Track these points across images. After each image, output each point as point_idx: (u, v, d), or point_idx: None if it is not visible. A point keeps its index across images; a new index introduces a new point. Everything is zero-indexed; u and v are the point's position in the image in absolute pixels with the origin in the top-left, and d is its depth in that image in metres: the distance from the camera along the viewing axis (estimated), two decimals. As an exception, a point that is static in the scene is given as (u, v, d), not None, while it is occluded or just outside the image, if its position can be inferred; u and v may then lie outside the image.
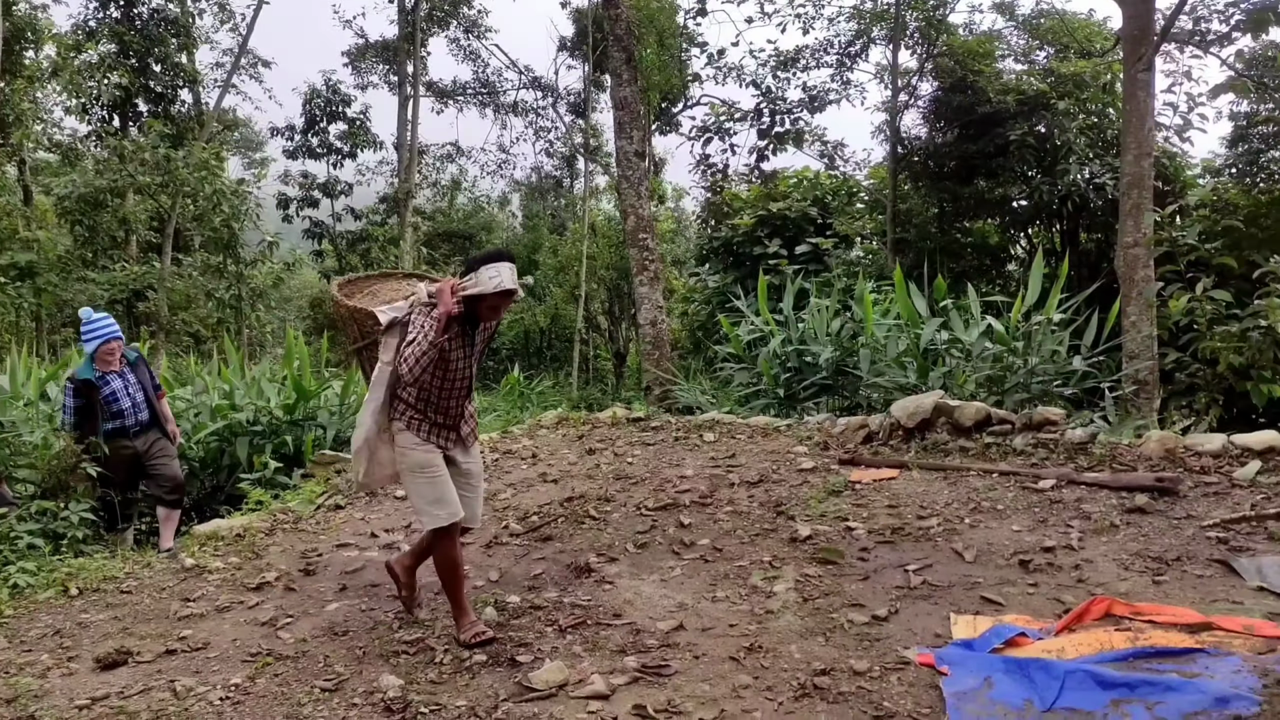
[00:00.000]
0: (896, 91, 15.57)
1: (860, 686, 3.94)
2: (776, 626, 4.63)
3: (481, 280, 4.36)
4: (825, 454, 7.47)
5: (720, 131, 14.44)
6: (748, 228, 16.04)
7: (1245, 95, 13.37)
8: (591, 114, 20.88)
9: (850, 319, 10.11)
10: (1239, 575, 4.94)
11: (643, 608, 4.93)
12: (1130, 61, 10.18)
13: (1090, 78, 14.70)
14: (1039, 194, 14.74)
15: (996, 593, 4.95)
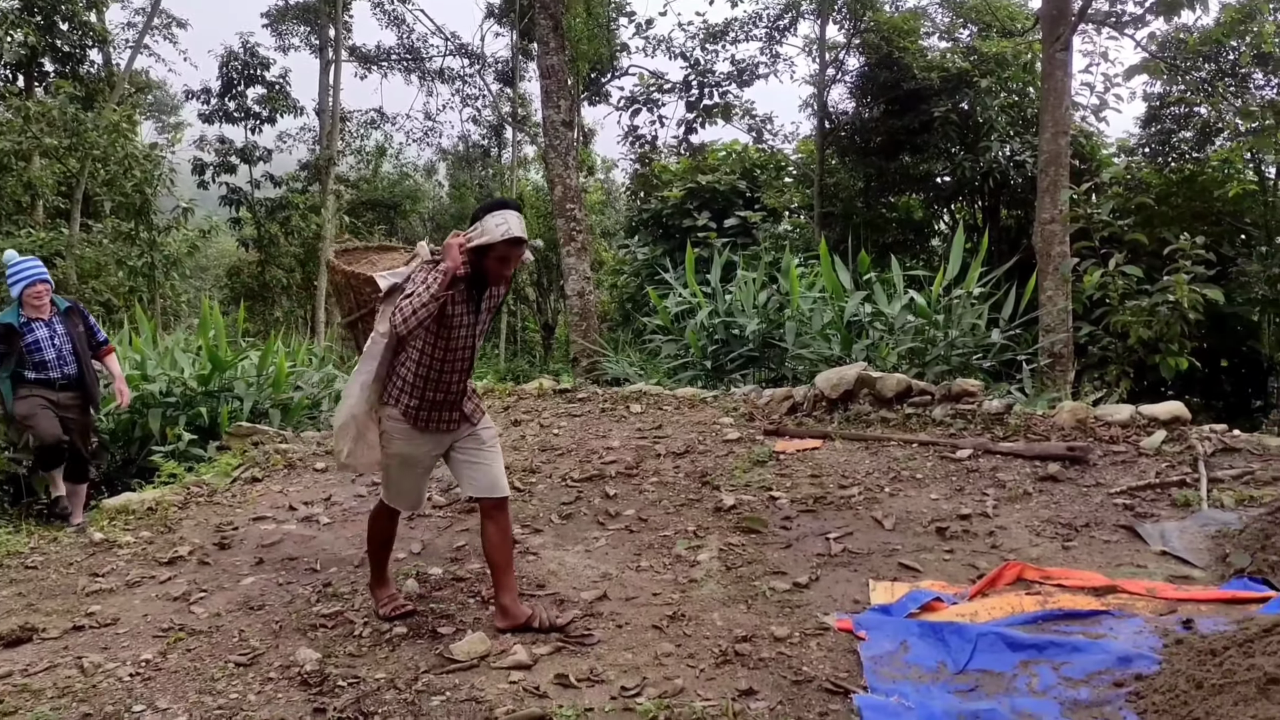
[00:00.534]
0: (824, 66, 15.67)
1: (780, 652, 4.00)
2: (699, 595, 4.67)
3: (488, 228, 3.98)
4: (751, 425, 7.53)
5: (648, 103, 14.41)
6: (677, 200, 16.05)
7: (1158, 76, 13.72)
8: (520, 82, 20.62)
9: (777, 292, 10.19)
10: (1143, 540, 5.11)
11: (567, 578, 4.93)
12: (1049, 41, 10.37)
13: (1011, 56, 14.96)
14: (962, 170, 15.00)
15: (914, 559, 5.05)
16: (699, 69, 13.98)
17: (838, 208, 15.83)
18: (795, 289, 9.74)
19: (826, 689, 3.68)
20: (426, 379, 4.16)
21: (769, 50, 15.23)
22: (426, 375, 4.15)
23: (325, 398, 9.43)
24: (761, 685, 3.72)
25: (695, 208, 15.68)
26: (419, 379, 4.16)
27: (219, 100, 23.02)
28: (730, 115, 14.38)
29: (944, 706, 3.44)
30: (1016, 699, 3.51)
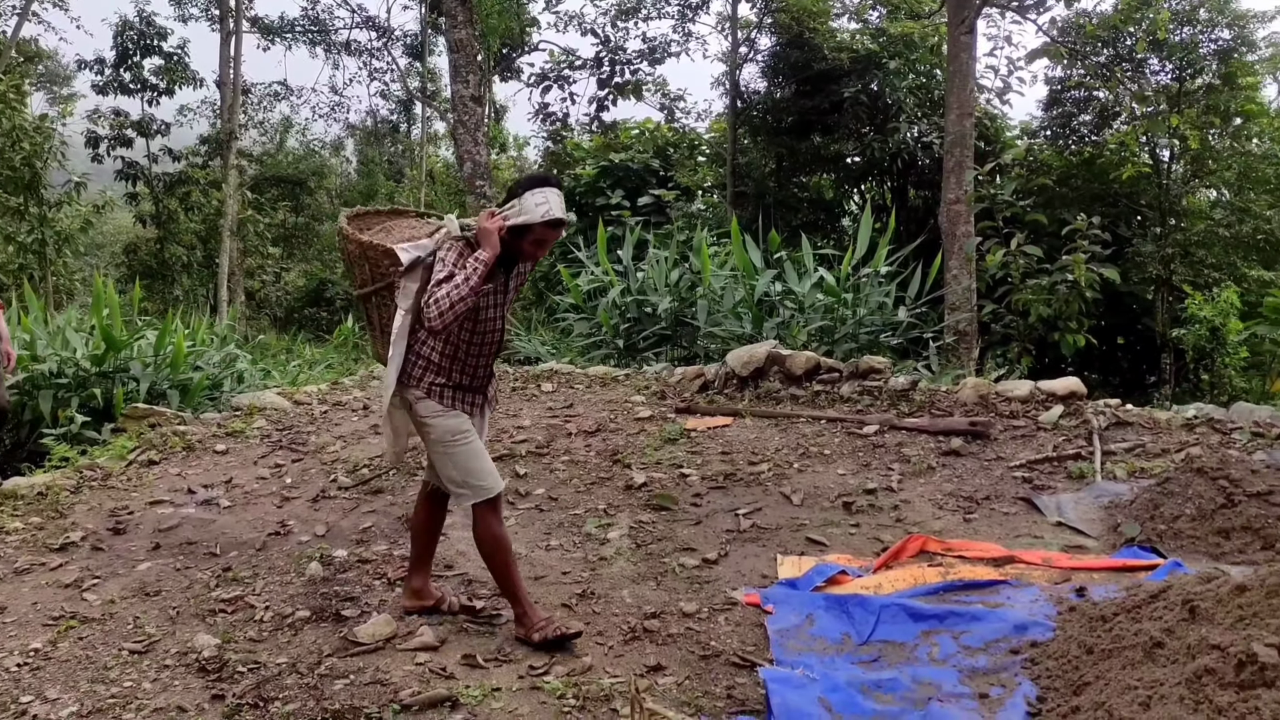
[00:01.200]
0: (736, 45, 15.72)
1: (689, 628, 4.02)
2: (609, 573, 4.67)
3: (526, 208, 3.65)
4: (662, 403, 7.54)
5: (559, 80, 14.27)
6: (590, 178, 15.98)
7: (1058, 60, 14.08)
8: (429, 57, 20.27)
9: (689, 270, 10.22)
10: (1040, 512, 5.27)
11: (475, 559, 4.84)
12: (954, 24, 10.56)
13: (919, 39, 15.20)
14: (871, 150, 15.22)
15: (821, 533, 5.13)
16: (610, 46, 13.89)
17: (750, 187, 15.93)
18: (707, 267, 9.78)
19: (734, 663, 3.71)
20: (453, 360, 3.83)
21: (681, 28, 15.24)
22: (453, 357, 3.83)
23: (226, 378, 9.16)
24: (670, 661, 3.73)
25: (609, 186, 15.62)
26: (445, 360, 3.83)
27: (113, 71, 22.09)
28: (642, 93, 14.34)
29: (847, 677, 3.49)
30: (917, 668, 3.58)
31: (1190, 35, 13.11)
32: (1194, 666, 2.53)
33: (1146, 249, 13.03)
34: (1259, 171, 12.82)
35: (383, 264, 3.83)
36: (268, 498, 5.82)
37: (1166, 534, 4.76)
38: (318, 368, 11.03)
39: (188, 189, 22.01)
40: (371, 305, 3.99)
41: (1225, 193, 13.93)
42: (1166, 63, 13.53)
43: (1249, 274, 13.10)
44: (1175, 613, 3.08)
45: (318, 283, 20.22)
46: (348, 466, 6.27)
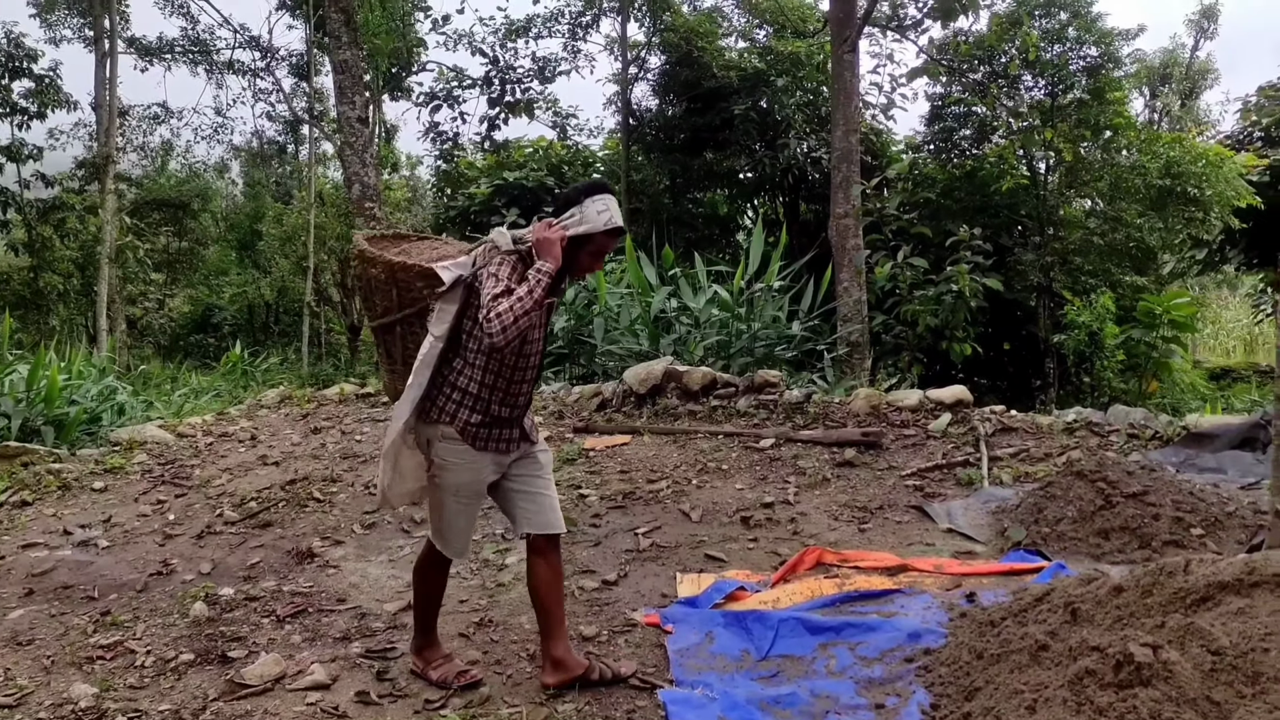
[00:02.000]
0: (627, 64, 15.81)
1: (589, 652, 3.97)
2: (508, 599, 4.60)
3: (588, 216, 3.43)
4: (560, 423, 7.49)
5: (449, 99, 14.11)
6: (485, 197, 15.86)
7: (936, 78, 14.50)
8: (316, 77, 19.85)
9: (584, 288, 10.20)
10: (932, 519, 5.39)
11: (369, 590, 4.76)
12: (837, 43, 10.80)
13: (805, 57, 15.49)
14: (763, 166, 15.44)
15: (720, 550, 5.14)
16: (500, 65, 13.81)
17: (645, 204, 16.01)
18: (602, 286, 9.77)
19: (634, 686, 3.68)
20: (493, 390, 3.47)
21: (571, 47, 15.26)
22: (493, 385, 3.47)
23: (105, 411, 8.79)
24: (569, 687, 3.68)
25: (503, 204, 15.53)
26: (484, 389, 3.46)
27: (-22, 95, 21.05)
28: (534, 112, 14.28)
29: (747, 695, 3.50)
30: (815, 681, 3.61)
31: (1060, 53, 13.63)
32: (1075, 668, 2.60)
33: (1027, 258, 13.47)
34: (1129, 182, 13.36)
35: (416, 286, 3.51)
36: (149, 536, 5.59)
37: (1050, 536, 4.90)
38: (204, 397, 10.67)
39: (63, 215, 21.09)
40: (395, 336, 3.63)
41: (1099, 202, 14.49)
42: (1039, 79, 14.03)
43: (1123, 280, 13.64)
44: (1058, 615, 3.16)
45: (204, 308, 19.60)
46: (234, 500, 6.07)
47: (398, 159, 22.42)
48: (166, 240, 21.45)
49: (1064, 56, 13.62)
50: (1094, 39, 13.53)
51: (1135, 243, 13.61)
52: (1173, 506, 4.89)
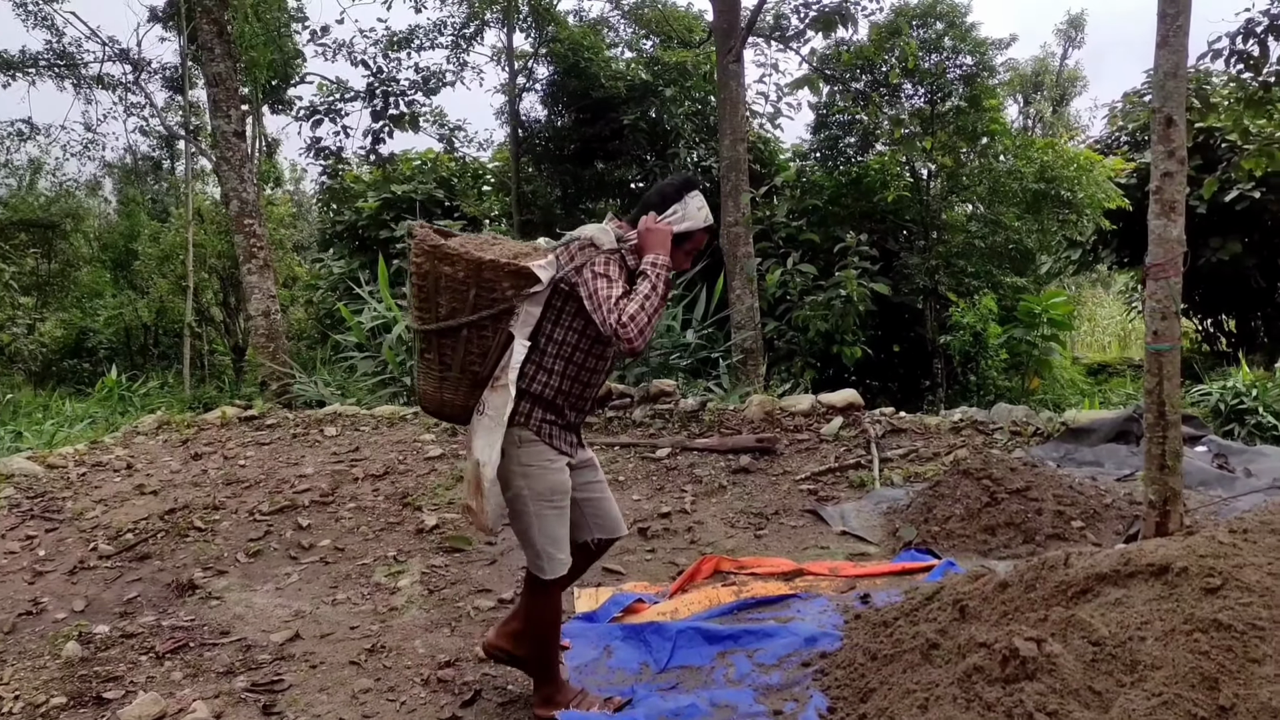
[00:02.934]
0: (514, 75, 15.69)
1: (485, 673, 3.90)
2: (401, 623, 4.49)
3: (690, 213, 3.39)
4: (454, 439, 7.36)
5: (330, 113, 13.79)
6: (372, 211, 15.55)
7: (817, 91, 14.75)
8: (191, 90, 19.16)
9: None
10: (826, 523, 5.44)
11: (255, 621, 4.58)
12: (722, 53, 10.91)
13: (692, 67, 15.61)
14: (654, 176, 15.47)
15: (617, 562, 5.10)
16: (382, 77, 13.54)
17: (537, 215, 15.90)
18: (494, 298, 9.64)
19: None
20: (568, 395, 3.34)
21: (456, 58, 15.06)
22: (569, 391, 3.33)
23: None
24: (466, 711, 3.60)
25: (392, 218, 15.25)
26: (559, 395, 3.33)
27: None
28: (419, 124, 14.05)
29: (646, 710, 3.45)
30: (715, 691, 3.59)
31: (938, 62, 14.01)
32: (964, 665, 2.63)
33: (913, 262, 13.78)
34: (1006, 186, 13.79)
35: (501, 287, 3.25)
36: (17, 574, 5.28)
37: (940, 535, 5.00)
38: (79, 425, 10.18)
39: (-78, 237, 19.97)
40: (459, 339, 3.30)
41: (979, 206, 14.91)
42: (919, 88, 14.39)
43: (1004, 281, 14.07)
44: (948, 613, 3.20)
45: (78, 332, 18.74)
46: (109, 532, 5.79)
47: (280, 173, 21.85)
48: (35, 262, 20.47)
49: (941, 65, 14.00)
50: (969, 48, 13.94)
51: (1014, 245, 14.06)
52: (1054, 501, 5.04)
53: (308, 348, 15.12)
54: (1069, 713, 2.30)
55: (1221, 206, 13.92)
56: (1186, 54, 4.28)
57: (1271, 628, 2.39)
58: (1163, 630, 2.45)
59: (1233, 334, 16.88)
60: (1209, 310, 17.13)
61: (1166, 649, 2.38)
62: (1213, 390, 9.11)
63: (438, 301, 3.29)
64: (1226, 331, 17.12)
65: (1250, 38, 8.02)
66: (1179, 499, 4.12)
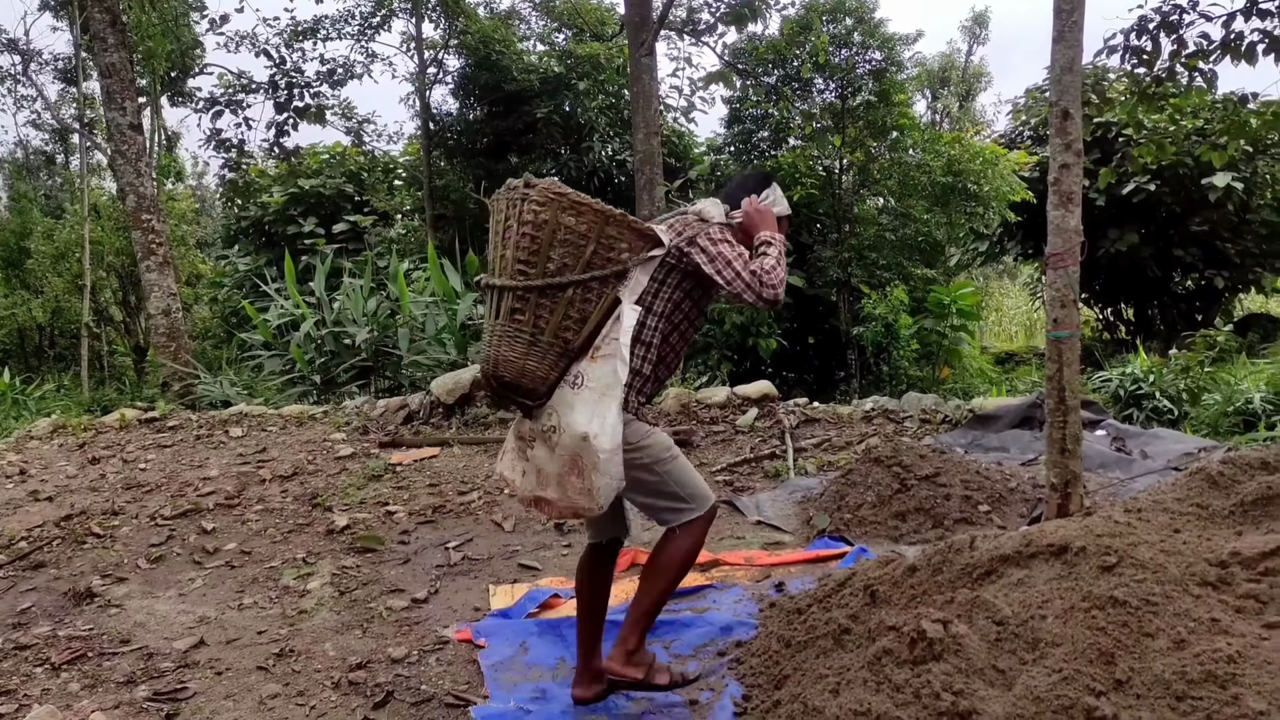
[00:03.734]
0: (424, 66, 15.47)
1: (398, 674, 3.83)
2: (310, 626, 4.38)
3: (779, 199, 3.48)
4: (365, 439, 7.23)
5: (231, 104, 13.38)
6: (279, 206, 15.19)
7: (730, 85, 14.85)
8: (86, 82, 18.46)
9: (387, 298, 9.90)
10: (742, 513, 5.47)
11: (157, 629, 4.43)
12: (635, 46, 10.89)
13: (605, 60, 15.58)
14: (568, 170, 15.42)
15: (534, 558, 5.06)
16: (286, 68, 13.20)
17: (450, 209, 15.72)
18: (405, 294, 9.50)
19: (449, 704, 3.56)
20: (655, 369, 3.28)
21: (363, 48, 14.77)
22: (659, 364, 3.29)
23: None
24: (378, 713, 3.53)
25: (300, 213, 14.92)
26: (654, 367, 3.27)
27: None
28: (325, 117, 13.74)
29: (562, 705, 3.43)
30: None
31: (848, 57, 14.20)
32: (874, 649, 2.65)
33: (826, 255, 13.96)
34: (915, 180, 14.05)
35: (619, 246, 3.05)
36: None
37: (853, 522, 5.06)
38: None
39: None
40: (560, 300, 3.04)
41: (889, 200, 15.17)
42: (830, 82, 14.58)
43: (915, 273, 14.34)
44: (859, 598, 3.24)
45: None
46: (1, 541, 5.55)
47: (181, 167, 21.23)
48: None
49: (851, 60, 14.19)
50: (878, 44, 14.16)
51: (924, 237, 14.34)
52: (962, 486, 5.14)
53: (213, 347, 14.73)
54: (974, 691, 2.33)
55: (1119, 199, 14.38)
56: (1081, 49, 4.39)
57: (1164, 603, 2.46)
58: (1062, 608, 2.50)
59: (1131, 322, 17.47)
60: (1109, 299, 17.70)
61: (1066, 626, 2.43)
62: (1113, 376, 9.41)
63: (549, 255, 3.03)
64: (1125, 320, 17.71)
65: (1143, 34, 8.27)
66: (1079, 481, 4.23)
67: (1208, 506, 3.15)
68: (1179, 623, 2.40)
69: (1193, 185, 14.37)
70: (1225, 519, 3.08)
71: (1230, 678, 2.19)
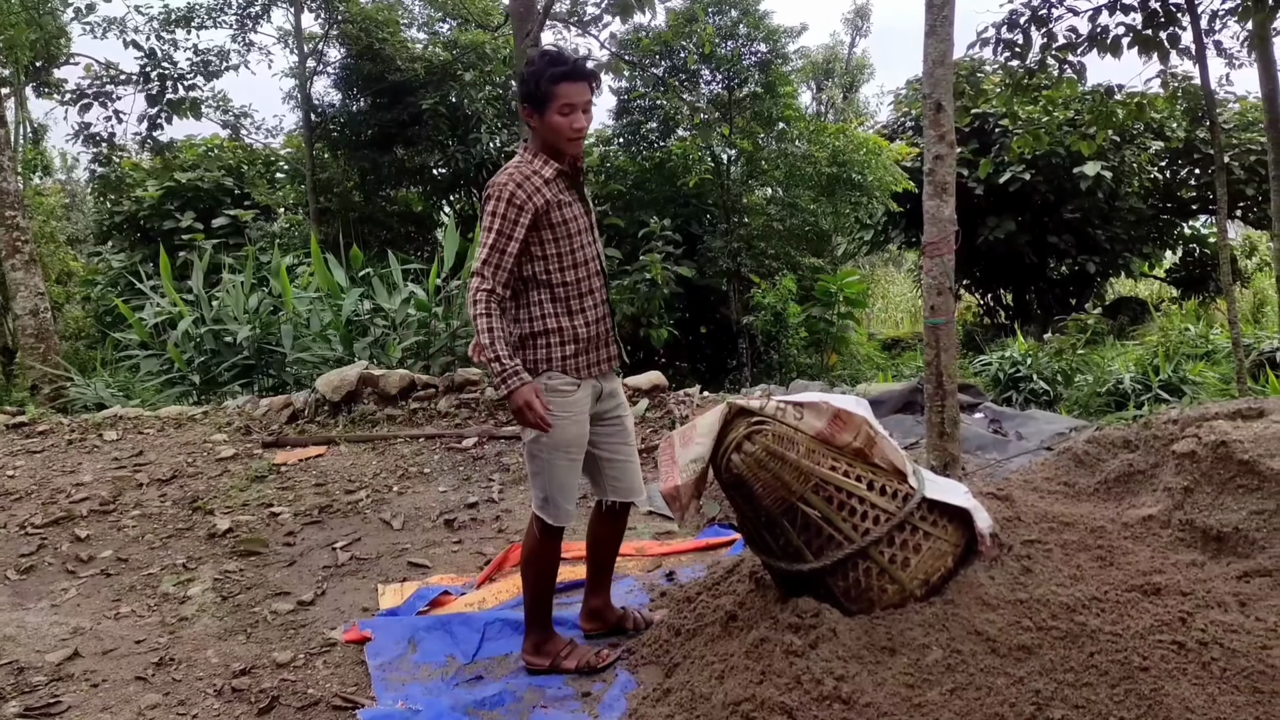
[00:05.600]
0: (304, 57, 15.07)
1: (284, 679, 3.74)
2: (191, 633, 4.24)
3: None
4: (248, 439, 7.02)
5: (100, 96, 12.77)
6: (154, 200, 14.63)
7: (619, 74, 14.86)
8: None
9: (269, 294, 9.62)
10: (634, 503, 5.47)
11: (28, 642, 4.23)
12: (520, 37, 10.80)
13: (491, 51, 15.43)
14: (456, 162, 15.23)
15: (424, 556, 5.00)
16: (158, 59, 12.67)
17: (335, 203, 15.38)
18: (288, 290, 9.25)
19: (336, 707, 3.50)
20: (568, 311, 3.33)
21: (241, 39, 14.29)
22: (566, 307, 3.33)
23: None
24: (264, 719, 3.44)
25: (177, 208, 14.39)
26: (562, 317, 3.32)
27: None
28: (200, 110, 13.25)
29: (451, 702, 3.39)
30: (523, 678, 3.56)
31: (734, 49, 14.36)
32: (755, 635, 2.69)
33: (716, 245, 14.11)
34: (801, 170, 14.30)
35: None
36: None
37: (742, 508, 5.11)
38: None
39: None
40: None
41: (777, 190, 15.41)
42: (717, 74, 14.72)
43: (802, 262, 14.61)
44: (745, 585, 3.28)
45: None
46: None
47: (49, 161, 20.24)
48: None
49: (737, 52, 14.36)
50: (763, 35, 14.36)
51: (811, 227, 14.61)
52: (848, 469, 5.23)
53: (86, 347, 14.12)
54: (853, 675, 2.39)
55: (997, 188, 14.88)
56: (953, 43, 4.52)
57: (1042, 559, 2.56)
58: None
59: (1010, 307, 18.12)
60: (988, 286, 18.32)
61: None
62: (993, 360, 9.76)
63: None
64: (1005, 305, 18.36)
65: (1014, 28, 8.56)
66: (958, 463, 4.37)
67: (1074, 484, 3.29)
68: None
69: (1065, 174, 14.97)
70: (1090, 496, 3.23)
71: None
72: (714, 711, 2.49)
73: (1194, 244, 17.52)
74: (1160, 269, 18.36)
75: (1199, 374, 8.59)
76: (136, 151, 14.84)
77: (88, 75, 13.05)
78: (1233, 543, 2.80)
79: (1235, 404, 3.42)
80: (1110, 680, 2.27)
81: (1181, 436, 3.23)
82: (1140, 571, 2.63)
